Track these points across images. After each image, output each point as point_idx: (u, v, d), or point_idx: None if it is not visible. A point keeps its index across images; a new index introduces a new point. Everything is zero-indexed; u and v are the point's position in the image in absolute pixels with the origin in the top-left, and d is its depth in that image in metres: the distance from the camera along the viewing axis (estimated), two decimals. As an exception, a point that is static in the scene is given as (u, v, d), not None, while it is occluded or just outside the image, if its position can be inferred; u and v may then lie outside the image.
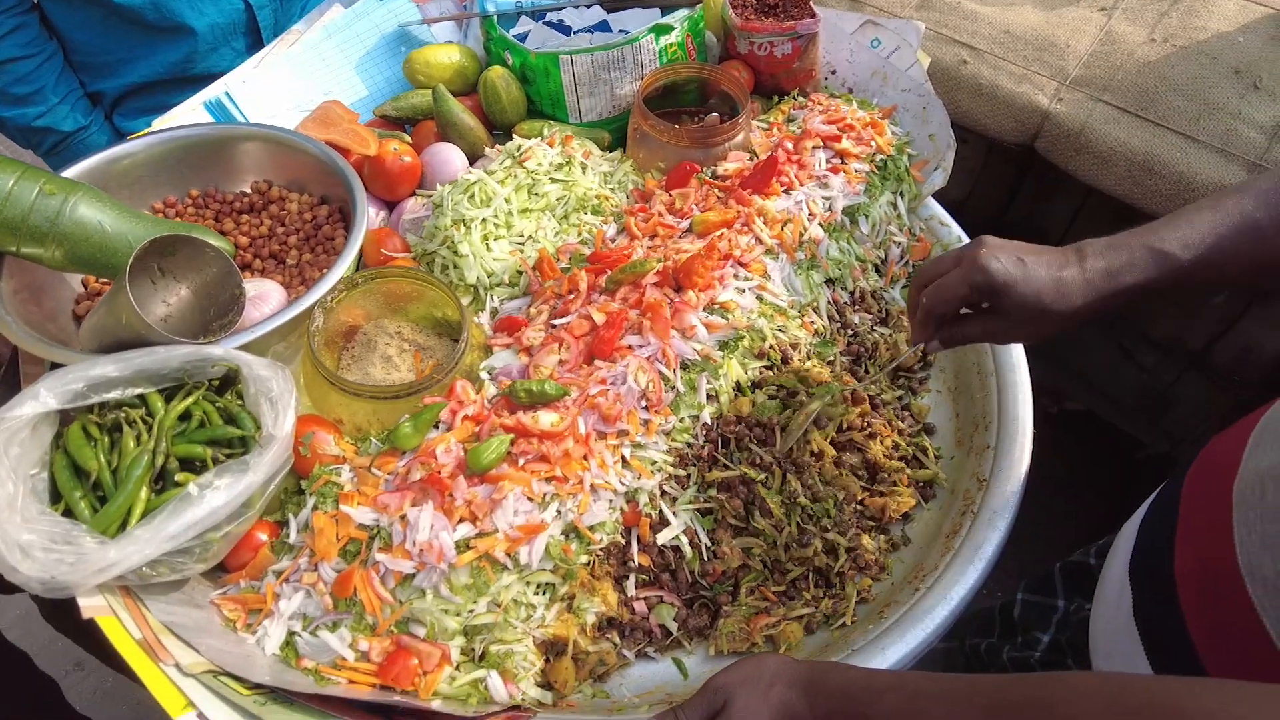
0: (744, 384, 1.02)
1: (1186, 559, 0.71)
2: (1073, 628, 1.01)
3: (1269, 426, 0.69)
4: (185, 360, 0.85)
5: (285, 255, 1.12)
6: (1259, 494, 0.64)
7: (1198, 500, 0.73)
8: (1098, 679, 0.56)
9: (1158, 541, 0.76)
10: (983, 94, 1.50)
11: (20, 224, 0.91)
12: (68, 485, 0.78)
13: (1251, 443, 0.69)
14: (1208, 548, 0.68)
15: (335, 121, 1.22)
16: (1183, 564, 0.71)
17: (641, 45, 1.25)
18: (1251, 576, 0.62)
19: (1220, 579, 0.65)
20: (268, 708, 0.70)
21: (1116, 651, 0.80)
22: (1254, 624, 0.61)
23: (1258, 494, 0.64)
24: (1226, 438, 0.74)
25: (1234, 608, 0.63)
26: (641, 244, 1.11)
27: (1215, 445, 0.76)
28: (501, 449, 0.87)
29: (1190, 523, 0.73)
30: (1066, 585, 1.05)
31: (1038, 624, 1.04)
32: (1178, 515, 0.75)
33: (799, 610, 0.93)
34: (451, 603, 0.81)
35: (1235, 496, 0.66)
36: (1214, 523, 0.67)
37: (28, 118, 1.32)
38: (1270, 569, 0.60)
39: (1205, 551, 0.69)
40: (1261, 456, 0.66)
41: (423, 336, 1.10)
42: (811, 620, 0.94)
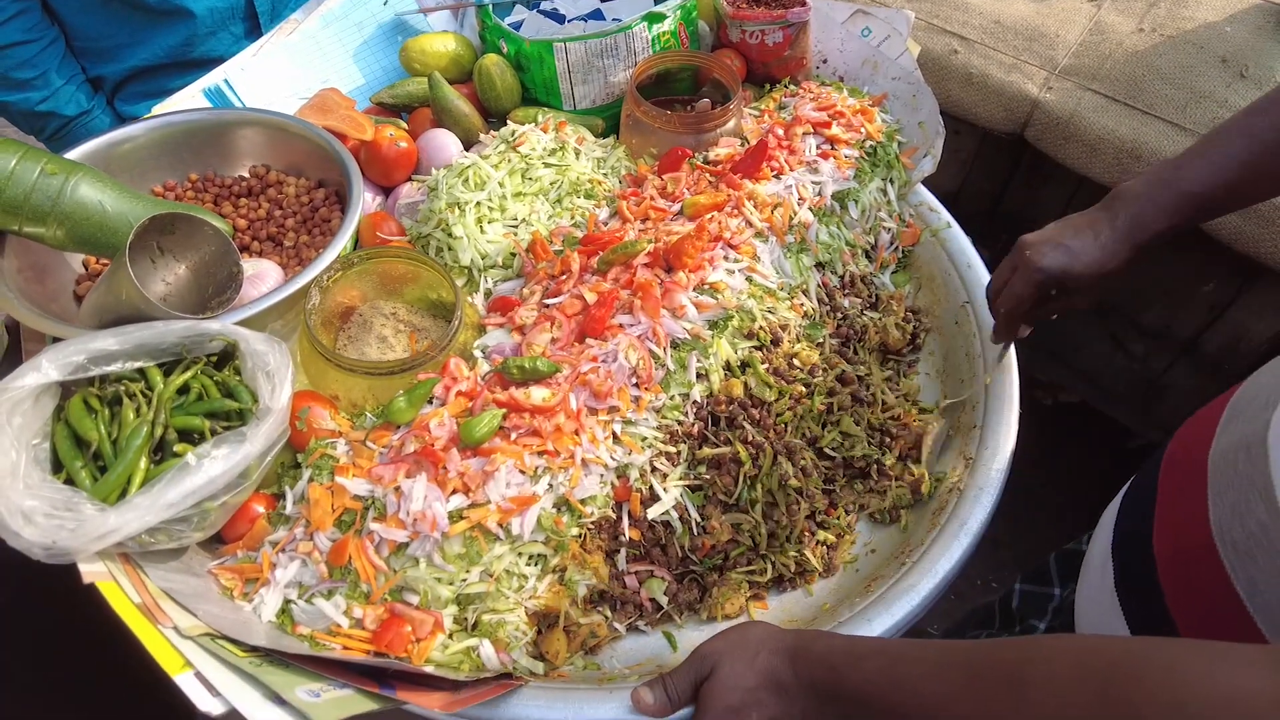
0: (733, 363, 1.03)
1: (1164, 531, 0.73)
2: (1066, 613, 1.02)
3: (1242, 399, 0.71)
4: (184, 335, 0.86)
5: (282, 237, 1.14)
6: (1232, 462, 0.65)
7: (1175, 474, 0.75)
8: (1068, 640, 0.58)
9: (1138, 517, 0.78)
10: (973, 83, 1.52)
11: (22, 203, 0.92)
12: (69, 455, 0.80)
13: (1226, 416, 0.71)
14: (1184, 518, 0.70)
15: (333, 108, 1.24)
16: (1161, 536, 0.73)
17: (635, 33, 1.27)
18: (1224, 543, 0.63)
19: (1195, 547, 0.66)
20: (264, 669, 0.71)
21: (1100, 626, 0.81)
22: (1227, 589, 0.63)
23: (1231, 462, 0.65)
24: (1202, 414, 0.76)
25: (1208, 574, 0.65)
26: (633, 227, 1.12)
27: (1191, 422, 0.79)
28: (494, 423, 0.89)
29: (1168, 496, 0.75)
30: (1061, 573, 1.07)
31: (1035, 613, 1.06)
32: (1156, 490, 0.77)
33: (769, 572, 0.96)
34: (444, 571, 0.83)
35: (1210, 467, 0.68)
36: (1190, 494, 0.69)
37: (31, 102, 1.34)
38: (1240, 534, 0.62)
39: (1181, 522, 0.70)
40: (1235, 429, 0.68)
41: (418, 318, 1.11)
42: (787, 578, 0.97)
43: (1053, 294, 0.93)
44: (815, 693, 0.68)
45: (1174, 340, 1.68)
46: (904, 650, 0.64)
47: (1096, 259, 0.88)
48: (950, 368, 1.19)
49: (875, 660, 0.64)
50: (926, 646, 0.64)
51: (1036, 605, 1.06)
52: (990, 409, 1.08)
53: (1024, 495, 2.25)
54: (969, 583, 2.12)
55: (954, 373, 1.18)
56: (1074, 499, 2.25)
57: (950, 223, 1.29)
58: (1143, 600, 0.74)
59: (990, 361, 1.07)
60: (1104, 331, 1.76)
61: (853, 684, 0.64)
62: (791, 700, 0.69)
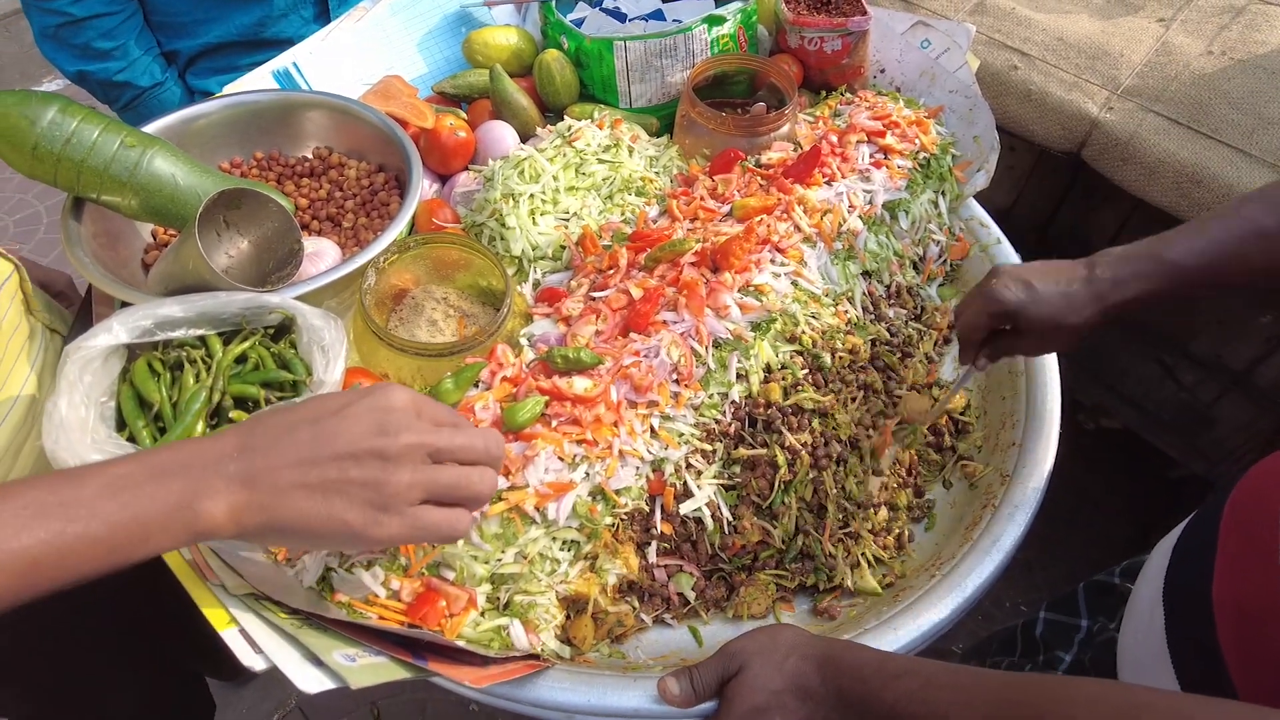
0: (774, 366, 1.04)
1: (1225, 584, 0.70)
2: (1096, 648, 1.00)
3: None
4: (245, 306, 0.90)
5: (342, 218, 1.17)
6: None
7: (1241, 524, 0.72)
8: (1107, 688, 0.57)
9: (1194, 564, 0.75)
10: (1032, 100, 1.50)
11: (102, 173, 0.97)
12: (132, 414, 0.84)
13: None
14: (1249, 574, 0.67)
15: (395, 95, 1.27)
16: (1221, 589, 0.70)
17: (694, 35, 1.28)
18: None
19: (1262, 607, 0.64)
20: (303, 630, 0.74)
21: (1145, 673, 0.79)
22: None
23: None
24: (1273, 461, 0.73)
25: (1274, 637, 0.62)
26: (682, 225, 1.14)
27: (1262, 468, 0.75)
28: (536, 409, 0.91)
29: (1231, 548, 0.72)
30: (1090, 605, 1.04)
31: (1060, 643, 1.04)
32: (1217, 538, 0.74)
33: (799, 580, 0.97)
34: (481, 550, 0.85)
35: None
36: (1258, 549, 0.66)
37: (109, 72, 1.39)
38: None
39: (1247, 578, 0.68)
40: None
41: (468, 304, 1.14)
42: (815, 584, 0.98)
43: (1006, 328, 0.92)
44: (841, 703, 0.68)
45: (1225, 371, 1.64)
46: (937, 674, 0.64)
47: (1056, 307, 0.86)
48: (993, 383, 1.18)
49: (908, 681, 0.65)
50: (959, 673, 0.64)
51: (1062, 635, 1.04)
52: (1030, 428, 1.07)
53: (1060, 520, 2.24)
54: (998, 605, 2.10)
55: (996, 388, 1.17)
56: (1111, 527, 2.22)
57: (1000, 239, 1.29)
58: (1197, 654, 0.72)
59: (957, 381, 1.06)
60: (1152, 357, 1.73)
61: (883, 701, 0.65)
62: (816, 707, 0.70)
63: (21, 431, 0.95)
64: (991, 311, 0.89)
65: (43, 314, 1.04)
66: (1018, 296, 0.87)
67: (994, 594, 2.15)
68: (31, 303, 1.02)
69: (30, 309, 1.02)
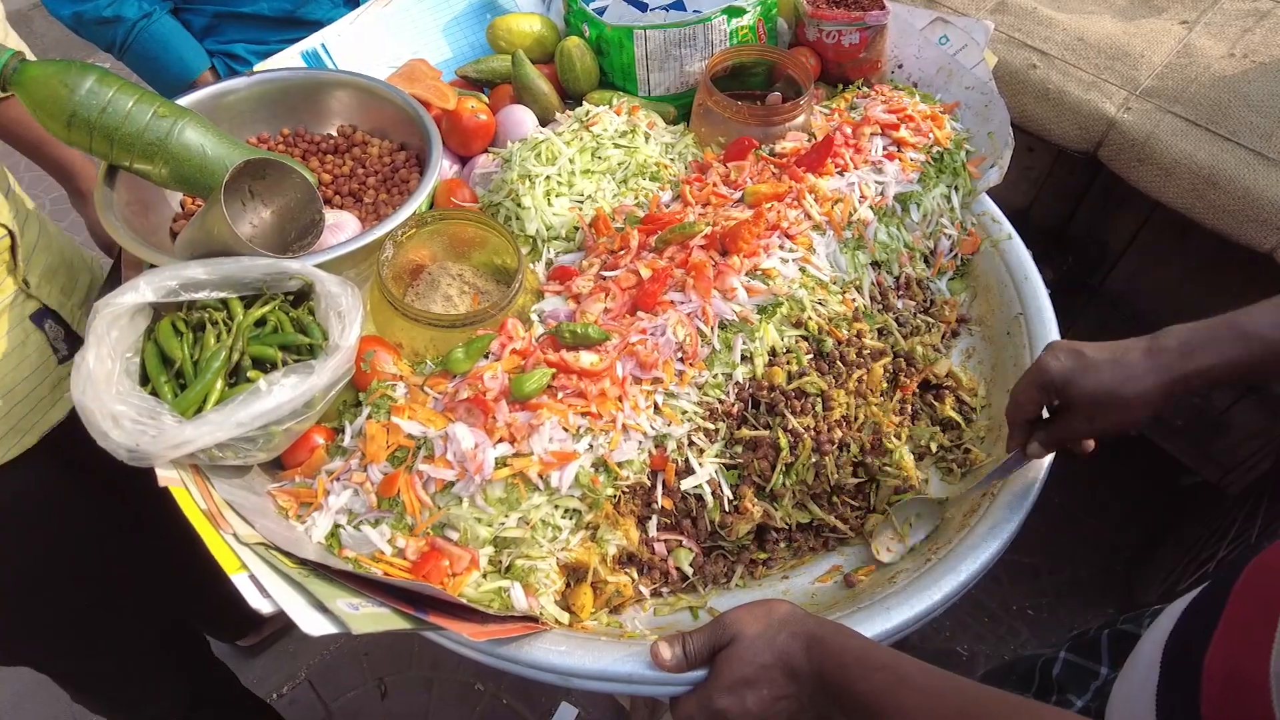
0: (779, 349, 1.06)
1: (1218, 653, 0.68)
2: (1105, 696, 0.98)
3: None
4: (266, 271, 0.93)
5: (363, 194, 1.20)
6: None
7: (1249, 596, 0.70)
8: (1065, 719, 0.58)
9: (1197, 629, 0.73)
10: (1049, 99, 1.51)
11: (135, 141, 1.00)
12: (155, 370, 0.88)
13: None
14: (1243, 647, 0.65)
15: (420, 77, 1.31)
16: (1214, 658, 0.68)
17: (713, 25, 1.30)
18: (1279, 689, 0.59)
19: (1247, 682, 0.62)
20: (310, 579, 0.77)
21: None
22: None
23: None
24: None
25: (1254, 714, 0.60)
26: (694, 210, 1.16)
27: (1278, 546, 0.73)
28: (543, 381, 0.93)
29: (1234, 618, 0.70)
30: (1113, 653, 1.00)
31: (1076, 688, 1.00)
32: (1224, 607, 0.71)
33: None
34: (485, 513, 0.88)
35: None
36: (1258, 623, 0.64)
37: (99, 8, 1.43)
38: None
39: (1240, 650, 0.66)
40: None
41: (482, 281, 1.16)
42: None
43: (1055, 404, 0.88)
44: (822, 684, 0.71)
45: (1240, 377, 1.63)
46: (913, 675, 0.66)
47: (1109, 376, 0.81)
48: (998, 377, 1.19)
49: (883, 674, 0.67)
50: (934, 676, 0.66)
51: (1079, 680, 1.00)
52: (1033, 419, 1.08)
53: (1069, 526, 2.23)
54: (1004, 608, 2.10)
55: (1001, 383, 1.18)
56: (1119, 534, 2.21)
57: (1011, 234, 1.29)
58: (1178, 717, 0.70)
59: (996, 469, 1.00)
60: (1166, 362, 1.72)
61: (857, 690, 0.67)
62: (801, 684, 0.72)
63: None
64: (1039, 384, 0.85)
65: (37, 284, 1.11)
66: (1066, 365, 0.83)
67: (1001, 597, 2.16)
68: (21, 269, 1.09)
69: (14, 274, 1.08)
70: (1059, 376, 0.84)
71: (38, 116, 0.98)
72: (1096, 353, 0.83)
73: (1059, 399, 0.86)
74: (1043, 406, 0.89)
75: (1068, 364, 0.83)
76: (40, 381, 1.12)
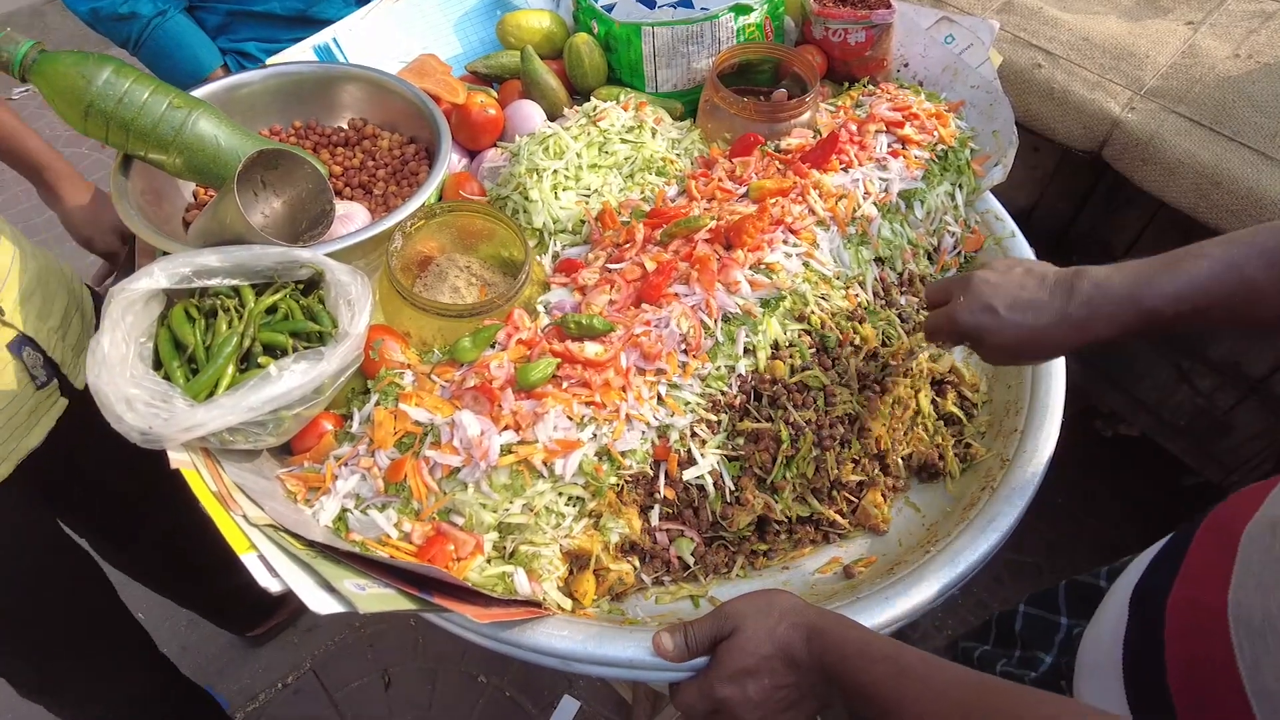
0: (781, 343, 1.07)
1: (1181, 594, 0.71)
2: (1072, 651, 1.01)
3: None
4: (277, 260, 0.95)
5: (373, 186, 1.22)
6: (1268, 539, 0.63)
7: (1209, 540, 0.73)
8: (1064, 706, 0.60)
9: (1162, 574, 0.76)
10: (1054, 98, 1.52)
11: (150, 131, 1.02)
12: (168, 355, 0.89)
13: (1276, 491, 0.68)
14: (1202, 585, 0.68)
15: (430, 72, 1.32)
16: (1176, 599, 0.71)
17: (721, 22, 1.31)
18: (1236, 620, 0.62)
19: (1206, 617, 0.65)
20: (318, 560, 0.78)
21: (1097, 673, 0.80)
22: (1229, 668, 0.61)
23: (1266, 538, 0.63)
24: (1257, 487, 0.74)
25: (1213, 648, 0.63)
26: (699, 205, 1.17)
27: (1244, 491, 0.76)
28: (548, 370, 0.95)
29: (1195, 560, 0.73)
30: (1070, 604, 1.04)
31: (1041, 642, 1.04)
32: (1185, 554, 0.75)
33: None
34: (490, 499, 0.89)
35: (1244, 538, 0.66)
36: (1216, 562, 0.67)
37: (115, 5, 1.44)
38: (1258, 615, 0.60)
39: (1199, 588, 0.69)
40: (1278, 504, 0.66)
41: (489, 273, 1.18)
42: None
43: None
44: (823, 674, 0.72)
45: (1244, 377, 1.64)
46: (913, 665, 0.67)
47: (1019, 338, 0.85)
48: (1000, 372, 1.20)
49: (884, 666, 0.68)
50: (934, 666, 0.67)
51: (1042, 633, 1.03)
52: (1032, 416, 1.09)
53: (1071, 524, 2.23)
54: (1003, 604, 2.10)
55: (1002, 377, 1.19)
56: (1121, 534, 2.21)
57: (1015, 232, 1.30)
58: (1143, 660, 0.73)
59: None
60: (1170, 362, 1.73)
61: (859, 681, 0.69)
62: (802, 674, 0.73)
63: None
64: (952, 331, 0.91)
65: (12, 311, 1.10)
66: (981, 325, 0.87)
67: (1003, 596, 2.16)
68: None
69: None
70: (971, 333, 0.88)
71: (55, 106, 1.00)
72: (1010, 312, 0.85)
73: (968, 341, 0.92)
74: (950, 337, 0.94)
75: (984, 323, 0.87)
76: (18, 410, 1.10)
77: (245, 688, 1.99)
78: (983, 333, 0.87)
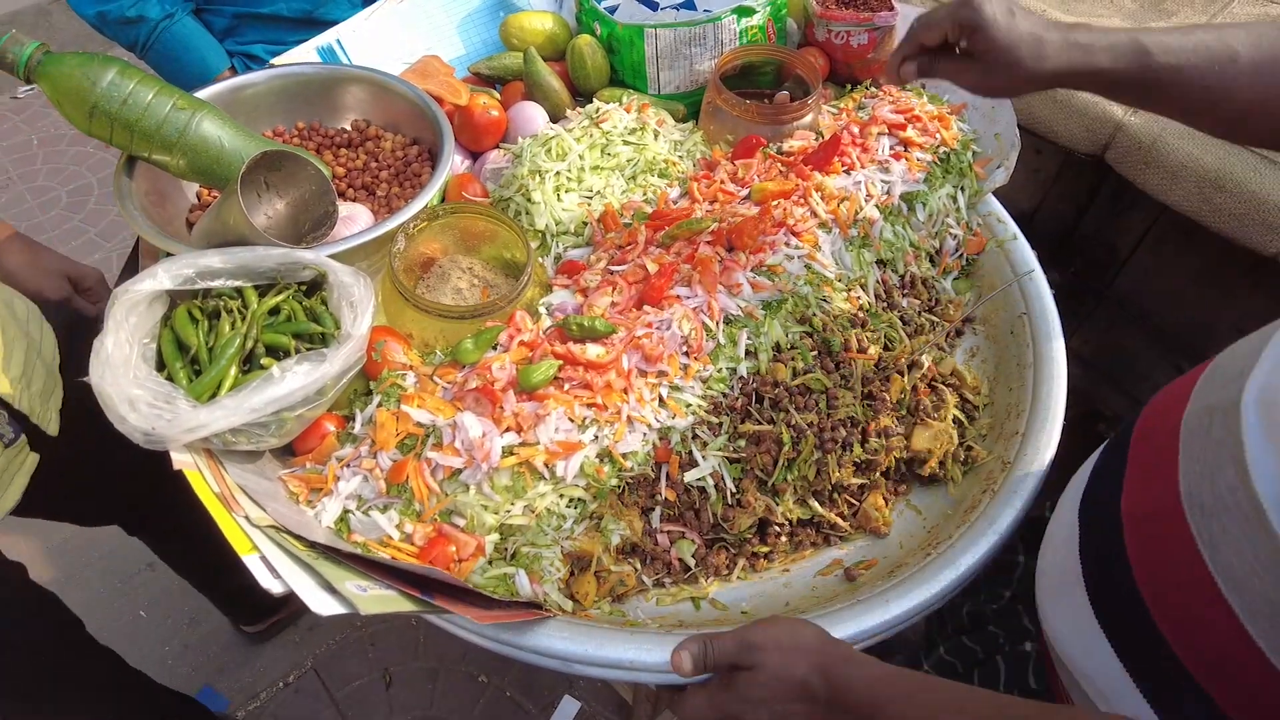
0: (783, 345, 1.07)
1: (1133, 496, 0.73)
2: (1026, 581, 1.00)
3: (1217, 369, 0.71)
4: (280, 261, 0.95)
5: (376, 187, 1.22)
6: (1205, 426, 0.66)
7: (1147, 442, 0.75)
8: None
9: (1108, 482, 0.78)
10: (1057, 101, 1.51)
11: (154, 133, 1.03)
12: (171, 356, 0.90)
13: (1202, 380, 0.71)
14: (1153, 482, 0.70)
15: (433, 73, 1.32)
16: (1129, 500, 0.73)
17: (723, 25, 1.32)
18: (1191, 505, 0.64)
19: (1163, 511, 0.67)
20: (320, 562, 0.79)
21: (1062, 594, 0.81)
22: (1191, 551, 0.63)
23: (1204, 426, 0.66)
24: (1176, 385, 0.76)
25: (1174, 540, 0.65)
26: (701, 207, 1.17)
27: (1165, 393, 0.78)
28: (550, 372, 0.95)
29: (1139, 462, 0.75)
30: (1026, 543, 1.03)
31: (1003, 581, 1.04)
32: (1128, 455, 0.77)
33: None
34: (491, 500, 0.89)
35: (1182, 430, 0.68)
36: (1161, 460, 0.69)
37: (123, 8, 1.45)
38: (1209, 497, 0.62)
39: (1151, 487, 0.71)
40: (1209, 392, 0.68)
41: (492, 274, 1.18)
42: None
43: (961, 46, 0.89)
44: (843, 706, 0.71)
45: (1245, 381, 1.63)
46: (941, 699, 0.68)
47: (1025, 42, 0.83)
48: (1001, 375, 1.20)
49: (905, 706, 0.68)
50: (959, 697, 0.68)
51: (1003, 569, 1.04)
52: (1034, 418, 1.09)
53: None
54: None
55: (1004, 380, 1.19)
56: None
57: (1016, 234, 1.30)
58: (1105, 565, 0.75)
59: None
60: (1171, 364, 1.73)
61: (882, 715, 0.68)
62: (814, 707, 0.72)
63: None
64: (961, 16, 0.85)
65: None
66: (996, 14, 0.83)
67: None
68: None
69: None
70: (985, 18, 0.84)
71: (60, 107, 1.01)
72: (1025, 18, 0.84)
73: (968, 40, 0.87)
74: (947, 38, 0.89)
75: (998, 14, 0.84)
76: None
77: (246, 686, 1.99)
78: (995, 26, 0.83)
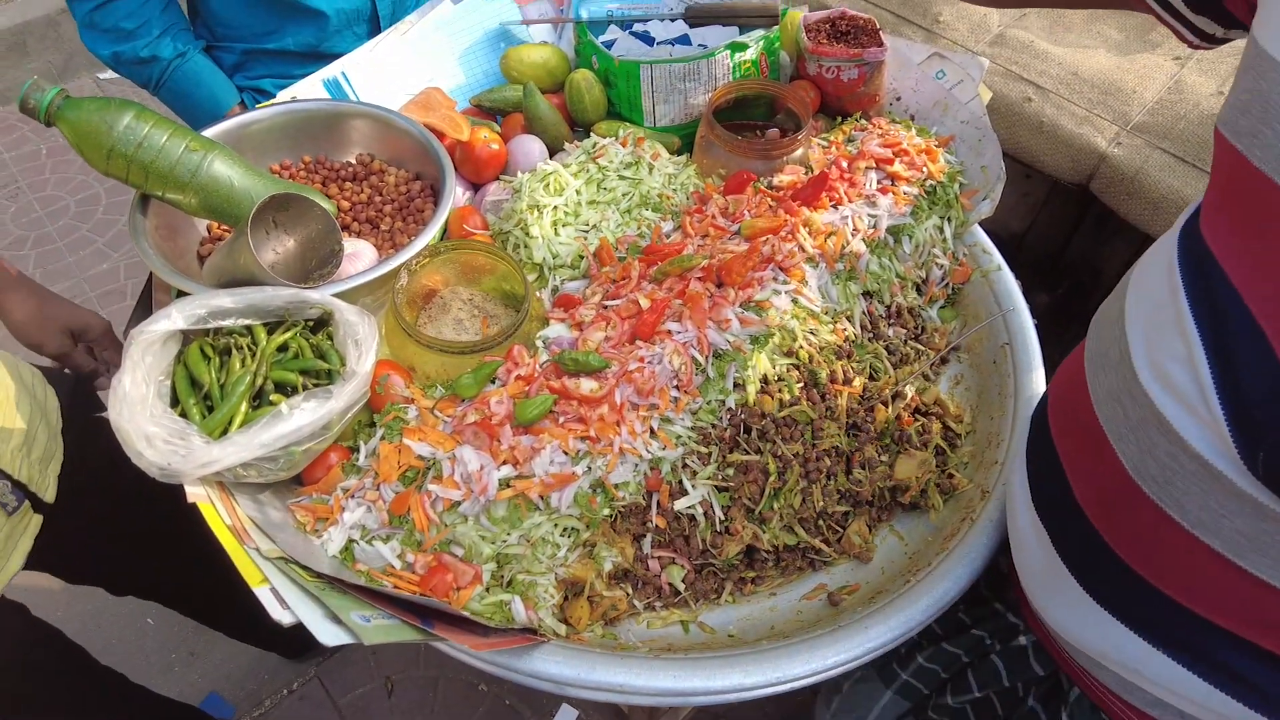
0: (770, 378, 1.11)
1: (1083, 486, 0.80)
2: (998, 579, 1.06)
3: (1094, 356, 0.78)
4: (288, 300, 0.99)
5: (380, 221, 1.27)
6: (1121, 412, 0.72)
7: (1072, 439, 0.82)
8: None
9: (1050, 480, 0.85)
10: (1043, 132, 1.56)
11: (168, 174, 1.07)
12: (185, 393, 0.94)
13: (1091, 371, 0.78)
14: (1099, 470, 0.76)
15: (435, 106, 1.37)
16: (1083, 492, 0.80)
17: (717, 60, 1.36)
18: (1144, 480, 0.70)
19: (1121, 494, 0.73)
20: (326, 593, 0.83)
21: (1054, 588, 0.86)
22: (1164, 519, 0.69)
23: (1120, 412, 0.72)
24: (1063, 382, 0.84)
25: (1143, 512, 0.71)
26: (693, 241, 1.21)
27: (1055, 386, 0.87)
28: (545, 406, 0.99)
29: (1074, 459, 0.81)
30: None
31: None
32: (1057, 452, 0.83)
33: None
34: (488, 531, 0.94)
35: (1102, 421, 0.75)
36: (1095, 448, 0.76)
37: (137, 49, 1.49)
38: (1155, 468, 0.68)
39: (1098, 474, 0.77)
40: (1105, 382, 0.75)
41: (491, 305, 1.22)
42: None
43: None
44: None
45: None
46: None
47: None
48: (983, 404, 1.24)
49: None
50: None
51: None
52: (1014, 448, 1.13)
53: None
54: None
55: (986, 408, 1.23)
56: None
57: (1001, 265, 1.34)
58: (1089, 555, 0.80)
59: None
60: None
61: None
62: None
63: None
64: None
65: None
66: None
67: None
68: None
69: None
70: None
71: (79, 149, 1.05)
72: None
73: None
74: None
75: None
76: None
77: (251, 694, 2.04)
78: None
